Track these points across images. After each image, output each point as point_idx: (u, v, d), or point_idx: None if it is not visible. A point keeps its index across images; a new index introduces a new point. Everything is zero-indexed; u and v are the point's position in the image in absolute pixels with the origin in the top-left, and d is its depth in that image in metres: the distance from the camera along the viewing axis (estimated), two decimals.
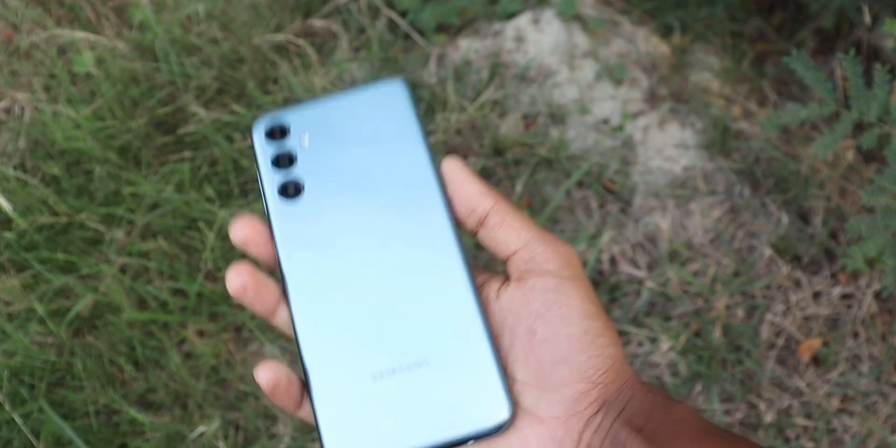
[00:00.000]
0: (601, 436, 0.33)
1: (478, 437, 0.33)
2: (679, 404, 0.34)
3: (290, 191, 0.37)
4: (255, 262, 0.37)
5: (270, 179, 0.38)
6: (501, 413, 0.33)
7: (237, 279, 0.35)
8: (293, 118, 0.39)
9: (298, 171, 0.38)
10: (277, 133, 0.39)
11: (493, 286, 0.36)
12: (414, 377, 0.34)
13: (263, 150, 0.39)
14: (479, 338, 0.34)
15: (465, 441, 0.33)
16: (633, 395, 0.34)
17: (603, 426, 0.33)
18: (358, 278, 0.36)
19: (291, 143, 0.38)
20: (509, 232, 0.35)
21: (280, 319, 0.37)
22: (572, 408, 0.33)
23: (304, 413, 0.36)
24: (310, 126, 0.39)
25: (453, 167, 0.37)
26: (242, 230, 0.36)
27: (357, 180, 0.37)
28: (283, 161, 0.38)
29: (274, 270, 0.38)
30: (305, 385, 0.35)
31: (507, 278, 0.36)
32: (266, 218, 0.37)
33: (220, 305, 1.17)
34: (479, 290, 0.36)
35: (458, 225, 0.37)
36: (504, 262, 0.36)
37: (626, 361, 0.35)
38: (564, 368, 0.33)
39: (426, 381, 0.34)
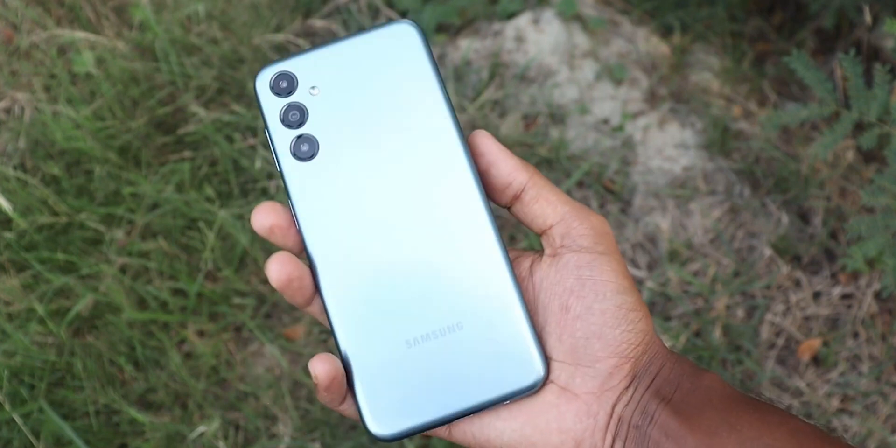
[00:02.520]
0: (632, 408, 0.33)
1: (515, 397, 0.33)
2: (707, 373, 0.35)
3: (305, 150, 0.35)
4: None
5: (281, 139, 0.35)
6: (536, 371, 0.33)
7: (282, 270, 0.33)
8: (299, 67, 0.35)
9: (311, 128, 0.35)
10: (284, 86, 0.35)
11: (524, 263, 0.36)
12: (448, 341, 0.33)
13: (270, 107, 0.35)
14: (510, 298, 0.34)
15: (502, 401, 0.33)
16: (663, 365, 0.35)
17: (634, 399, 0.34)
18: (385, 244, 0.34)
19: (300, 96, 0.35)
20: (545, 206, 0.35)
21: (316, 307, 0.36)
22: (606, 383, 0.34)
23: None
24: (318, 75, 0.35)
25: (485, 140, 0.36)
26: (265, 218, 0.34)
27: (375, 134, 0.34)
28: (294, 118, 0.35)
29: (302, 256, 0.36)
30: (341, 358, 0.34)
31: (539, 254, 0.36)
32: (281, 181, 0.35)
33: (220, 305, 1.17)
34: (511, 267, 0.35)
35: (482, 184, 0.35)
36: (539, 235, 0.36)
37: (656, 334, 0.35)
38: (598, 343, 0.33)
39: (461, 345, 0.33)
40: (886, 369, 1.14)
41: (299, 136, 0.35)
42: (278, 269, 0.33)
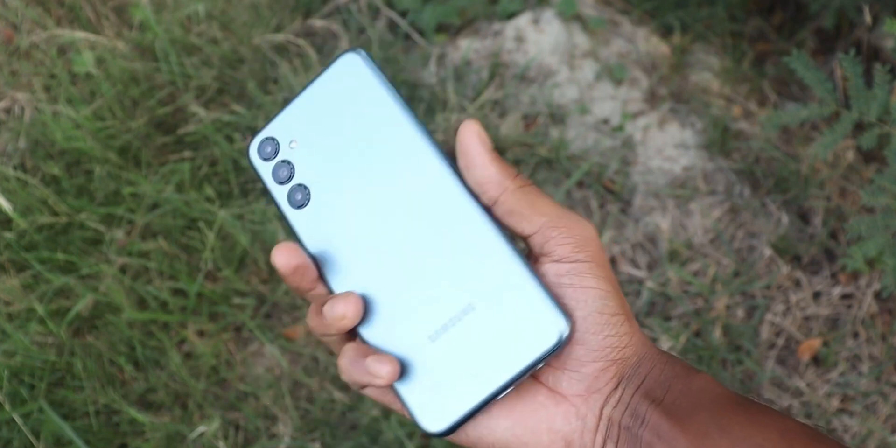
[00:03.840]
0: (621, 410, 0.34)
1: (546, 357, 0.34)
2: (699, 374, 0.35)
3: (300, 199, 0.38)
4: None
5: (279, 194, 0.39)
6: (559, 326, 0.33)
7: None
8: (276, 129, 0.40)
9: (300, 178, 0.39)
10: (269, 150, 0.40)
11: None
12: (467, 325, 0.35)
13: (264, 171, 0.40)
14: (510, 263, 0.34)
15: (535, 366, 0.34)
16: (653, 367, 0.34)
17: (623, 400, 0.34)
18: (389, 255, 0.36)
19: (284, 154, 0.39)
20: (520, 220, 0.35)
21: (319, 290, 0.37)
22: (592, 385, 0.34)
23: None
24: (293, 130, 0.39)
25: (468, 139, 0.35)
26: (288, 260, 0.36)
27: (354, 166, 0.38)
28: (283, 174, 0.39)
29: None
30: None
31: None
32: (290, 229, 0.39)
33: (220, 305, 1.17)
34: (511, 242, 0.36)
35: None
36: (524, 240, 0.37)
37: (644, 335, 0.35)
38: (581, 349, 0.34)
39: (480, 325, 0.35)
40: (886, 369, 1.14)
41: (292, 188, 0.39)
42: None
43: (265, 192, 0.39)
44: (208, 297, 1.17)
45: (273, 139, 0.40)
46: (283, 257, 0.35)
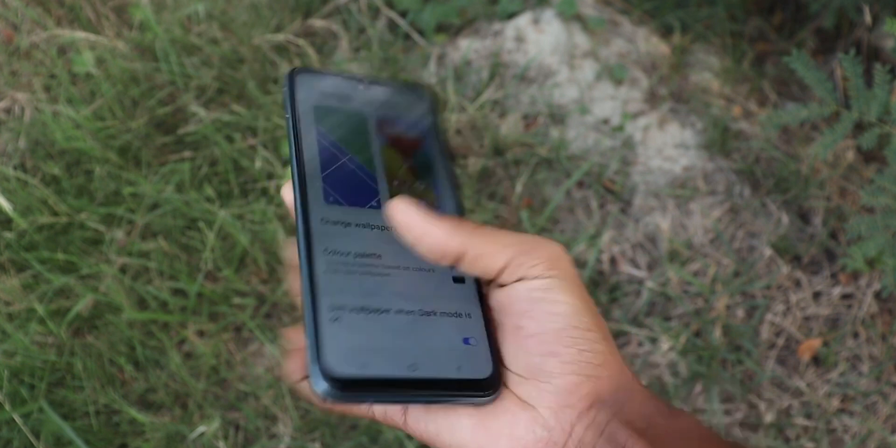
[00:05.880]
0: (595, 432, 0.33)
1: (469, 395, 0.34)
2: (682, 413, 0.34)
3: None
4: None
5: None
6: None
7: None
8: None
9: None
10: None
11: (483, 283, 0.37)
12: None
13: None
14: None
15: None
16: (632, 397, 0.34)
17: (597, 422, 0.33)
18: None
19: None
20: (488, 261, 0.35)
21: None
22: (564, 399, 0.33)
23: None
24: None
25: (404, 213, 0.35)
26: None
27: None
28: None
29: None
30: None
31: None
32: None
33: (220, 305, 1.17)
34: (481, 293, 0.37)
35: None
36: (490, 282, 0.36)
37: (623, 362, 0.35)
38: (554, 360, 0.33)
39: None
40: (886, 369, 1.14)
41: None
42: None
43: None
44: (208, 297, 1.17)
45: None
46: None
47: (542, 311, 0.34)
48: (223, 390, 1.13)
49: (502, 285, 0.36)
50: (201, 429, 1.06)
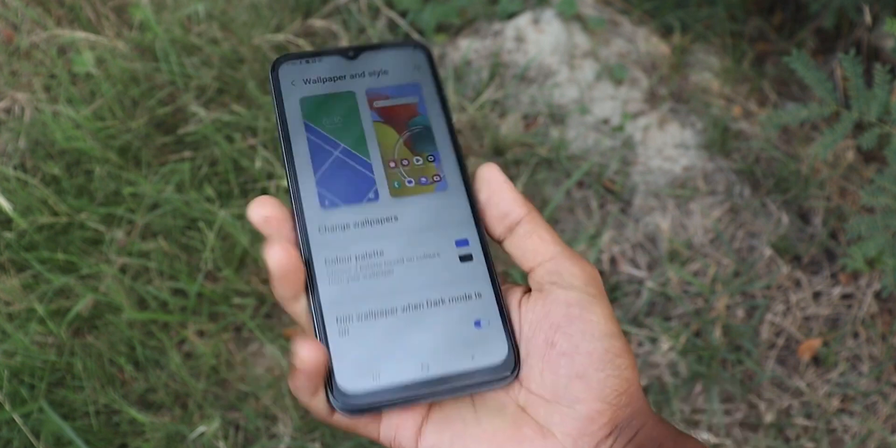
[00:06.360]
0: None
1: (489, 382, 0.34)
2: (689, 437, 0.34)
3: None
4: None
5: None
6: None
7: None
8: None
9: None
10: None
11: (514, 295, 0.36)
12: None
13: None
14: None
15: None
16: (646, 422, 0.34)
17: None
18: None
19: None
20: (538, 243, 0.35)
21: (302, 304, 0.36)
22: (585, 427, 0.33)
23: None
24: None
25: (490, 171, 0.36)
26: (261, 209, 0.35)
27: None
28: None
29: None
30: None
31: (528, 289, 0.36)
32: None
33: (220, 305, 1.17)
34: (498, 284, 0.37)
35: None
36: (527, 273, 0.36)
37: (640, 388, 0.35)
38: (581, 384, 0.33)
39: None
40: (886, 369, 1.14)
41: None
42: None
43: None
44: (208, 297, 1.17)
45: None
46: (257, 211, 0.34)
47: (578, 330, 0.33)
48: (223, 390, 1.13)
49: (535, 284, 0.35)
50: (201, 429, 1.06)
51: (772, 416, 1.11)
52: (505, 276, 1.16)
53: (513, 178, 1.30)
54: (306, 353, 0.32)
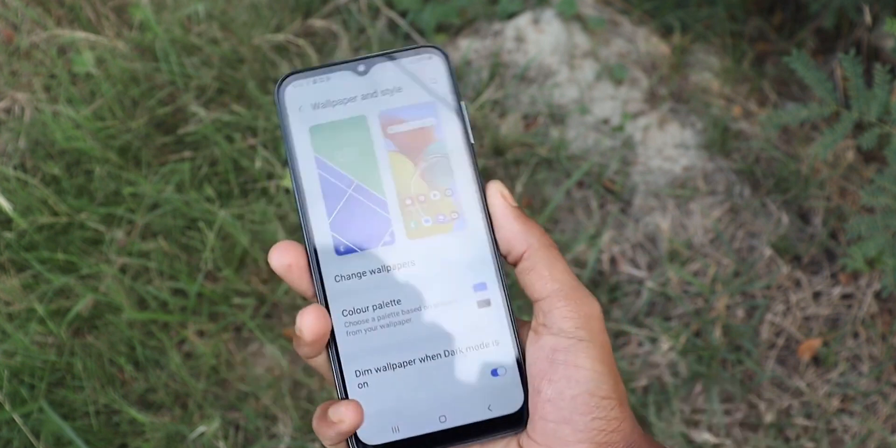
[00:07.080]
0: None
1: (502, 429, 0.35)
2: None
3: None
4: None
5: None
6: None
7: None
8: None
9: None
10: None
11: (522, 333, 0.37)
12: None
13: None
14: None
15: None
16: None
17: None
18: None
19: None
20: (536, 280, 0.35)
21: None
22: None
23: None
24: None
25: (494, 197, 0.36)
26: (283, 256, 0.35)
27: None
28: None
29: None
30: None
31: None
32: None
33: (220, 305, 1.17)
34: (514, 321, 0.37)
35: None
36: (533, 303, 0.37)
37: (634, 421, 0.35)
38: (568, 428, 0.33)
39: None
40: (886, 369, 1.14)
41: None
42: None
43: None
44: (208, 297, 1.17)
45: None
46: (278, 258, 0.35)
47: (562, 376, 0.34)
48: (223, 390, 1.13)
49: (534, 323, 0.36)
50: (201, 429, 1.06)
51: (772, 416, 1.11)
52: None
53: (513, 178, 1.30)
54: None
